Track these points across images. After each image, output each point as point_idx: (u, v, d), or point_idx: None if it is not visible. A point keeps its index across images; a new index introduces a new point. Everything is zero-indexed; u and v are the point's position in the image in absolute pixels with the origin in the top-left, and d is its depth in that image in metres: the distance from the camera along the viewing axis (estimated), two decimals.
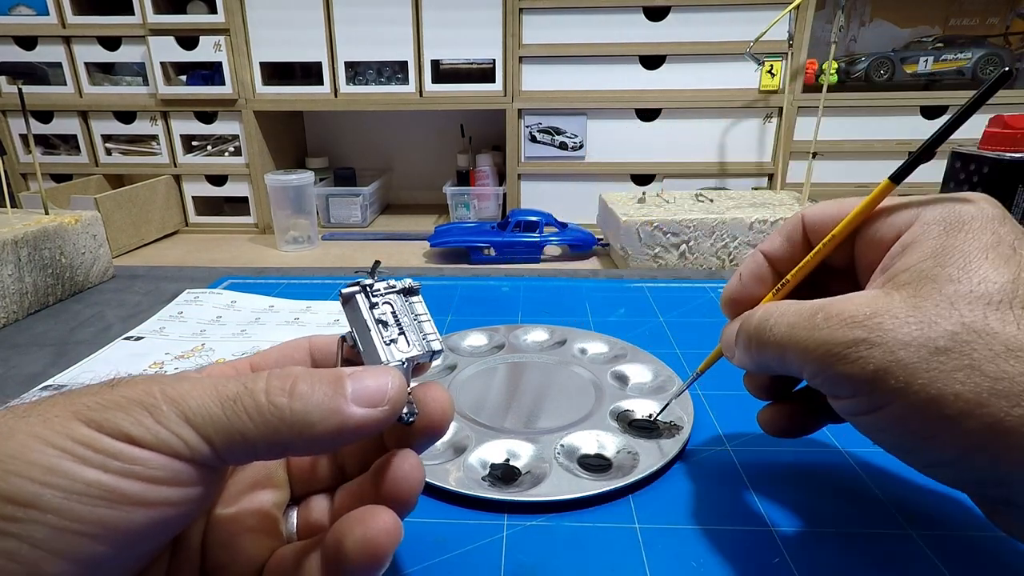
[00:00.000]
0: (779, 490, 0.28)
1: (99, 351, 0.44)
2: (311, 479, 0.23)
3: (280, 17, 1.79)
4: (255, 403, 0.17)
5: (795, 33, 1.72)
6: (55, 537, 0.15)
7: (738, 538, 0.26)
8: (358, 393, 0.18)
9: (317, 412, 0.17)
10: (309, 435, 0.17)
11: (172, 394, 0.17)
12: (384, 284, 0.22)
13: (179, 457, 0.16)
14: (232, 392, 0.17)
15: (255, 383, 0.17)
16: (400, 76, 1.86)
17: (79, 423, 0.16)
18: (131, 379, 0.18)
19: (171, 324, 0.49)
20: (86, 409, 0.16)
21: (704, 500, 0.28)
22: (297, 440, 0.17)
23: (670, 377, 0.37)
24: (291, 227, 1.78)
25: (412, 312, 0.22)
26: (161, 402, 0.16)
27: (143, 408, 0.16)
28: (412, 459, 0.20)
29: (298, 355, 0.23)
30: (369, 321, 0.21)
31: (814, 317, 0.21)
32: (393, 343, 0.21)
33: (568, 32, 1.78)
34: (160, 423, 0.16)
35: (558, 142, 1.88)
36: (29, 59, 1.83)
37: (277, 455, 0.18)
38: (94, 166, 1.96)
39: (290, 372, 0.18)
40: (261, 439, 0.17)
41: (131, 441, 0.16)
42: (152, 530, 0.16)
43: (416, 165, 2.28)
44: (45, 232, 0.51)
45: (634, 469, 0.29)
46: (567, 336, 0.43)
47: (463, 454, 0.31)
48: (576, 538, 0.26)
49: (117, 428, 0.16)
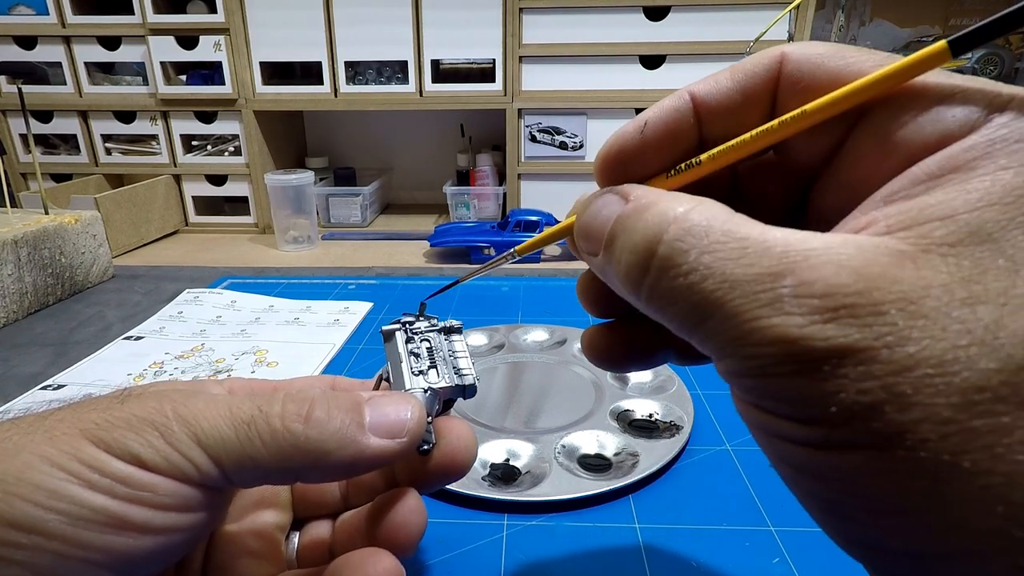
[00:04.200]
0: (779, 490, 0.28)
1: (99, 351, 0.44)
2: (316, 503, 0.23)
3: (280, 17, 1.79)
4: (269, 428, 0.16)
5: (795, 33, 1.72)
6: (59, 564, 0.14)
7: (738, 538, 0.26)
8: (376, 422, 0.17)
9: (333, 441, 0.17)
10: (323, 464, 0.17)
11: (184, 414, 0.16)
12: (426, 324, 0.22)
13: (189, 482, 0.16)
14: (246, 414, 0.16)
15: (271, 406, 0.17)
16: (400, 76, 1.86)
17: (87, 442, 0.15)
18: (141, 394, 0.17)
19: (171, 324, 0.49)
20: (94, 427, 0.15)
21: (704, 500, 0.28)
22: (310, 468, 0.17)
23: (670, 377, 0.37)
24: (291, 227, 1.78)
25: (451, 349, 0.22)
26: (172, 422, 0.16)
27: (154, 428, 0.16)
28: (413, 502, 0.19)
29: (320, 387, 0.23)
30: (403, 353, 0.21)
31: (775, 277, 0.12)
32: (421, 374, 0.21)
33: (568, 32, 1.78)
34: (171, 445, 0.16)
35: (558, 142, 1.88)
36: (29, 59, 1.83)
37: (288, 481, 0.17)
38: (94, 166, 1.96)
39: (307, 395, 0.17)
40: (274, 465, 0.16)
41: (140, 464, 0.15)
42: (158, 555, 0.16)
43: (416, 165, 2.28)
44: (45, 232, 0.51)
45: (634, 469, 0.29)
46: (567, 336, 0.43)
47: None
48: (576, 538, 0.26)
49: (126, 449, 0.15)
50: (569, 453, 0.31)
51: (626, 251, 0.14)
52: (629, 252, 0.14)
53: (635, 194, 0.15)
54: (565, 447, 0.31)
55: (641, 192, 0.15)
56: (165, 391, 0.17)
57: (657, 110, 0.17)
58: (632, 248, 0.14)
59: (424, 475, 0.20)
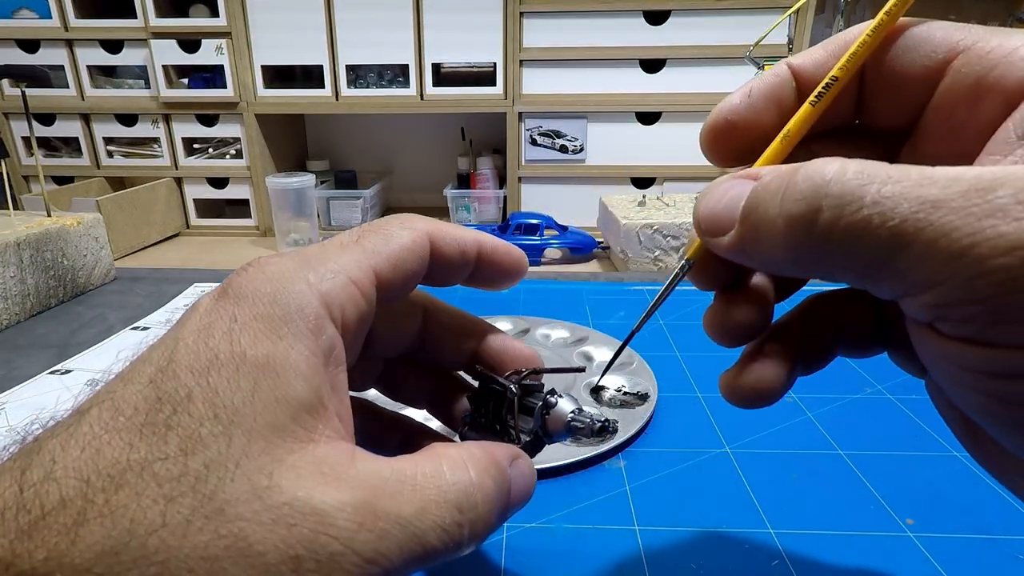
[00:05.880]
0: (779, 490, 0.28)
1: (107, 339, 0.45)
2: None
3: (281, 20, 1.80)
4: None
5: (795, 37, 1.72)
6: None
7: (737, 539, 0.26)
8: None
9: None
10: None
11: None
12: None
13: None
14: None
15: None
16: (401, 79, 1.87)
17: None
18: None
19: (178, 316, 0.49)
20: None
21: (704, 501, 0.28)
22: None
23: (630, 354, 0.40)
24: (292, 229, 1.78)
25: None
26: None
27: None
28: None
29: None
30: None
31: (985, 191, 0.11)
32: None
33: (568, 36, 1.78)
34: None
35: (558, 145, 1.89)
36: (32, 62, 1.83)
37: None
38: (96, 168, 1.96)
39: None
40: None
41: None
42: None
43: (417, 168, 2.28)
44: (47, 234, 0.51)
45: (616, 435, 0.32)
46: (530, 325, 0.46)
47: None
48: (576, 540, 0.26)
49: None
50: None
51: (788, 203, 0.14)
52: (793, 202, 0.13)
53: (764, 171, 0.15)
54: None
55: (771, 169, 0.15)
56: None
57: (759, 80, 0.18)
58: (789, 209, 0.14)
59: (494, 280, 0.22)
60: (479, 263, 0.20)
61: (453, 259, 0.19)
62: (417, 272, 0.19)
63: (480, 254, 0.20)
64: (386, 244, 0.18)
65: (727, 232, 0.15)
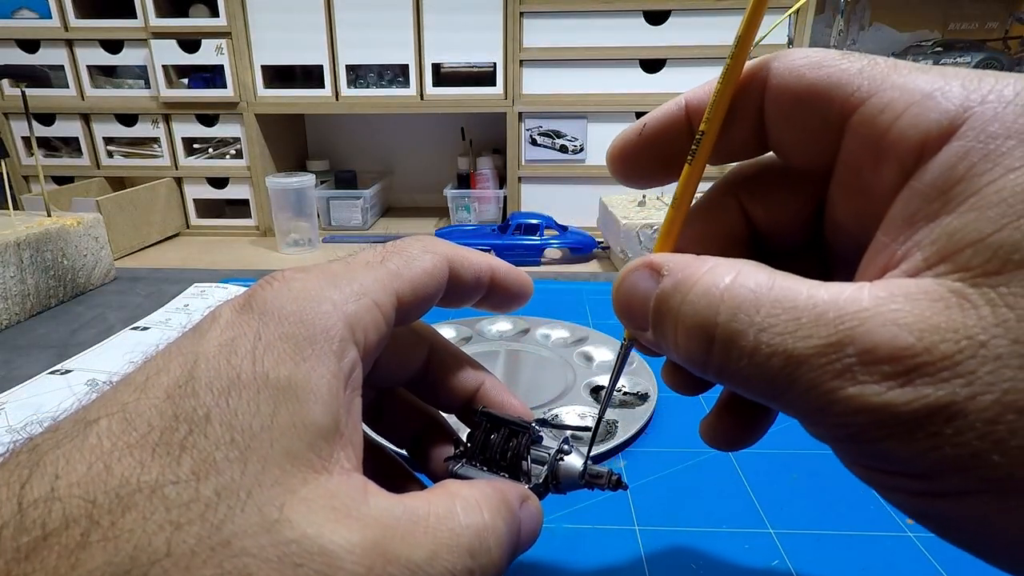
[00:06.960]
0: (779, 490, 0.28)
1: (106, 340, 0.44)
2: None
3: (282, 20, 1.80)
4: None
5: (795, 37, 1.72)
6: None
7: (738, 539, 0.26)
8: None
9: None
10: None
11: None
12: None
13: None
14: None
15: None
16: (401, 79, 1.87)
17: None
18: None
19: (177, 316, 0.49)
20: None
21: (704, 501, 0.28)
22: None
23: (631, 356, 0.39)
24: (292, 229, 1.78)
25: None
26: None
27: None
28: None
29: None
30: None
31: (837, 347, 0.12)
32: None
33: (569, 36, 1.78)
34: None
35: (559, 145, 1.88)
36: (32, 62, 1.83)
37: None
38: (95, 168, 1.96)
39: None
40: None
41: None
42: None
43: (417, 168, 2.28)
44: (47, 234, 0.51)
45: (616, 435, 0.32)
46: (530, 325, 0.46)
47: None
48: (576, 540, 0.26)
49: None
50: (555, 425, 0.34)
51: (681, 336, 0.15)
52: (685, 338, 0.15)
53: (667, 267, 0.16)
54: (551, 420, 0.34)
55: (672, 264, 0.15)
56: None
57: (654, 113, 0.19)
58: (687, 334, 0.15)
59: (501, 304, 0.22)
60: (491, 288, 0.21)
61: (468, 284, 0.20)
62: (434, 296, 0.19)
63: (492, 279, 0.21)
64: (408, 267, 0.18)
65: (646, 329, 0.16)
